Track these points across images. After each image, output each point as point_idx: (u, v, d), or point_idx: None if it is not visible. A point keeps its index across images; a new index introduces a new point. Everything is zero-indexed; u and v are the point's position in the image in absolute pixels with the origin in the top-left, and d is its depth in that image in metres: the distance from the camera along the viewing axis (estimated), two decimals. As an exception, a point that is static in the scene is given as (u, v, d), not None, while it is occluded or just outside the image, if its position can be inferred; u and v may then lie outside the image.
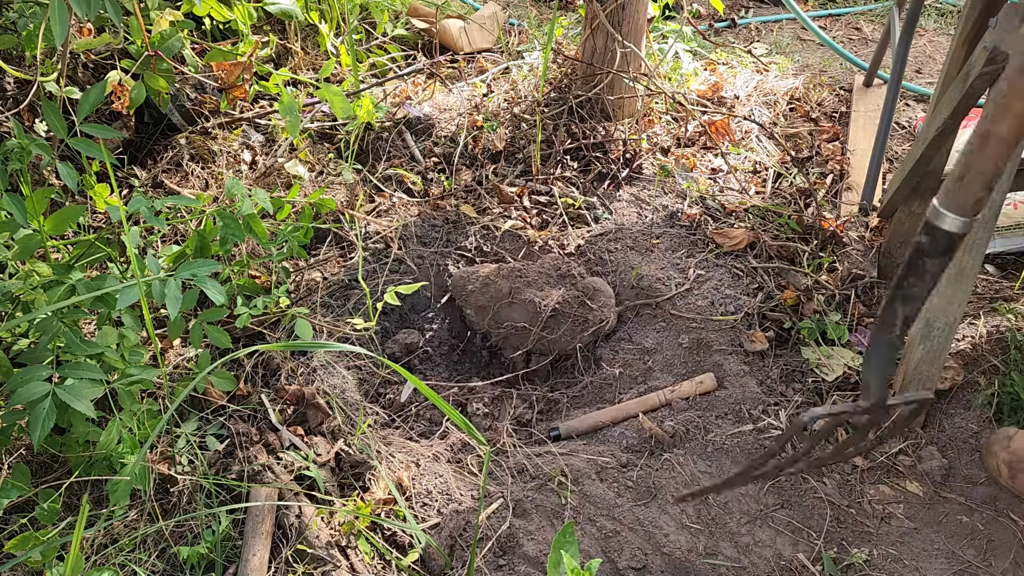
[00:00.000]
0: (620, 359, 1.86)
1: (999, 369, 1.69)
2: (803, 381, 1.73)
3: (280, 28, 2.58)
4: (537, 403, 1.82)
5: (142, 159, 2.19)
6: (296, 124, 1.72)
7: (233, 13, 1.88)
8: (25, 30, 1.59)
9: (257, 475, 1.46)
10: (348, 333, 1.78)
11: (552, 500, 1.51)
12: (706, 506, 1.51)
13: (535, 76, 2.47)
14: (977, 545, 1.45)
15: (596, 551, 1.41)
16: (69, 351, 1.29)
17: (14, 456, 1.43)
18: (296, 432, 1.58)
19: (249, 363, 1.69)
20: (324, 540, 1.37)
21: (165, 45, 1.61)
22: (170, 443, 1.50)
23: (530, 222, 2.17)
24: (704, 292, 1.93)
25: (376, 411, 1.71)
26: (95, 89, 1.37)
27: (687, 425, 1.64)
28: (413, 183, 2.26)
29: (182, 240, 1.94)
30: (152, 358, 1.64)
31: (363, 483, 1.50)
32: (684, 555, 1.43)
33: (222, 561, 1.35)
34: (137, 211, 1.40)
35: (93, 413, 1.22)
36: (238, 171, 2.15)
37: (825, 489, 1.53)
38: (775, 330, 1.84)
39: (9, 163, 1.36)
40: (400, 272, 2.00)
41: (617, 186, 2.28)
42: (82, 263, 1.54)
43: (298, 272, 1.97)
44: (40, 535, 1.21)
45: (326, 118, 2.33)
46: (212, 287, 1.35)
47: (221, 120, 2.24)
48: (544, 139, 2.31)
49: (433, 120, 2.44)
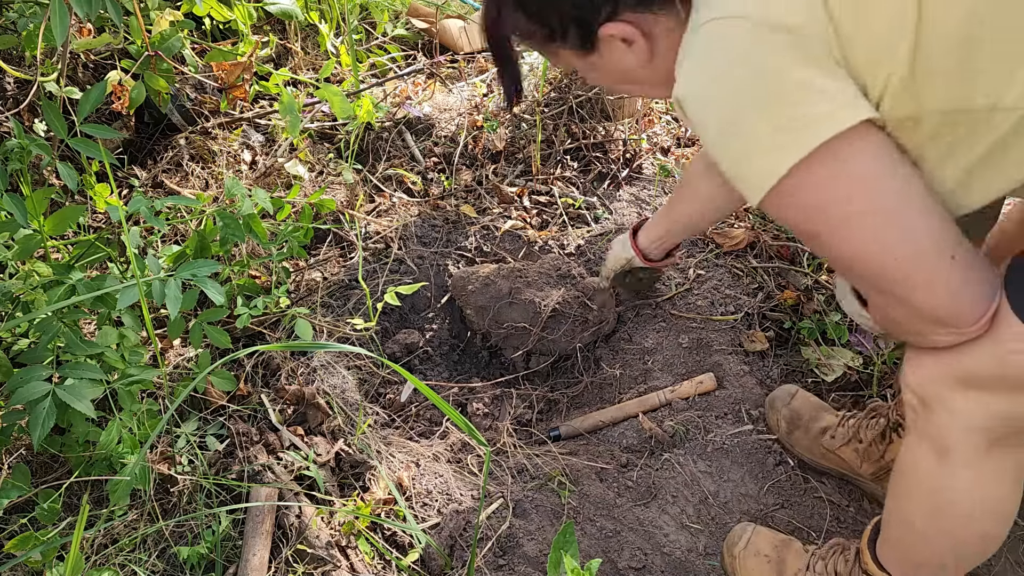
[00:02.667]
0: (620, 359, 1.86)
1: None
2: (803, 381, 1.73)
3: (280, 28, 2.58)
4: (537, 403, 1.82)
5: (142, 159, 2.19)
6: (296, 124, 1.72)
7: (233, 13, 1.88)
8: (25, 30, 1.59)
9: (257, 475, 1.46)
10: (348, 333, 1.78)
11: (552, 500, 1.51)
12: (706, 506, 1.51)
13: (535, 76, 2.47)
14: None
15: (596, 551, 1.41)
16: (69, 351, 1.29)
17: (14, 456, 1.43)
18: (296, 432, 1.58)
19: (249, 363, 1.69)
20: (324, 540, 1.37)
21: (165, 45, 1.61)
22: (170, 443, 1.50)
23: (530, 222, 2.17)
24: (704, 292, 1.93)
25: (376, 411, 1.71)
26: (95, 89, 1.37)
27: (687, 425, 1.64)
28: (413, 183, 2.26)
29: (182, 240, 1.94)
30: (152, 358, 1.64)
31: (363, 483, 1.50)
32: (684, 555, 1.43)
33: (222, 561, 1.35)
34: (137, 211, 1.40)
35: (93, 413, 1.22)
36: (238, 171, 2.15)
37: (825, 489, 1.53)
38: (775, 330, 1.84)
39: (9, 163, 1.36)
40: (400, 272, 2.00)
41: (617, 186, 2.28)
42: (82, 263, 1.54)
43: (298, 272, 1.97)
44: (40, 535, 1.21)
45: (326, 118, 2.33)
46: (212, 287, 1.35)
47: (221, 120, 2.24)
48: (544, 139, 2.31)
49: (433, 120, 2.44)
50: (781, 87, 0.82)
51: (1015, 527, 1.46)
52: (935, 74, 0.80)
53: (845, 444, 1.49)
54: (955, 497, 1.01)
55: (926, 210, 0.86)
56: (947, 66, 0.79)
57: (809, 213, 0.88)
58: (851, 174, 0.83)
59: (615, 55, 1.02)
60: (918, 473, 1.04)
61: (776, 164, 0.84)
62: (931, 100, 0.82)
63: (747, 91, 0.84)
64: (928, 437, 1.01)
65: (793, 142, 0.82)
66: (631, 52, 1.00)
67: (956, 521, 1.03)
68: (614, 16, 0.96)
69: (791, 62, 0.81)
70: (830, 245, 0.90)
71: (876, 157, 0.84)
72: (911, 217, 0.85)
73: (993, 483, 0.99)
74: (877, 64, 0.81)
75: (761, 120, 0.84)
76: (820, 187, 0.85)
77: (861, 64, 0.82)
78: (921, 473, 1.04)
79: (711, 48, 0.86)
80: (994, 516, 1.02)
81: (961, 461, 0.98)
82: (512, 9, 1.03)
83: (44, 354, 1.28)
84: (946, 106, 0.82)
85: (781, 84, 0.82)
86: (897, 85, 0.81)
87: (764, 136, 0.84)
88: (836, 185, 0.84)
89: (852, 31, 0.80)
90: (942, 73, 0.80)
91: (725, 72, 0.85)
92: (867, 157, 0.83)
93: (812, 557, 1.31)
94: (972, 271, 0.88)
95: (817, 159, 0.82)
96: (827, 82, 0.81)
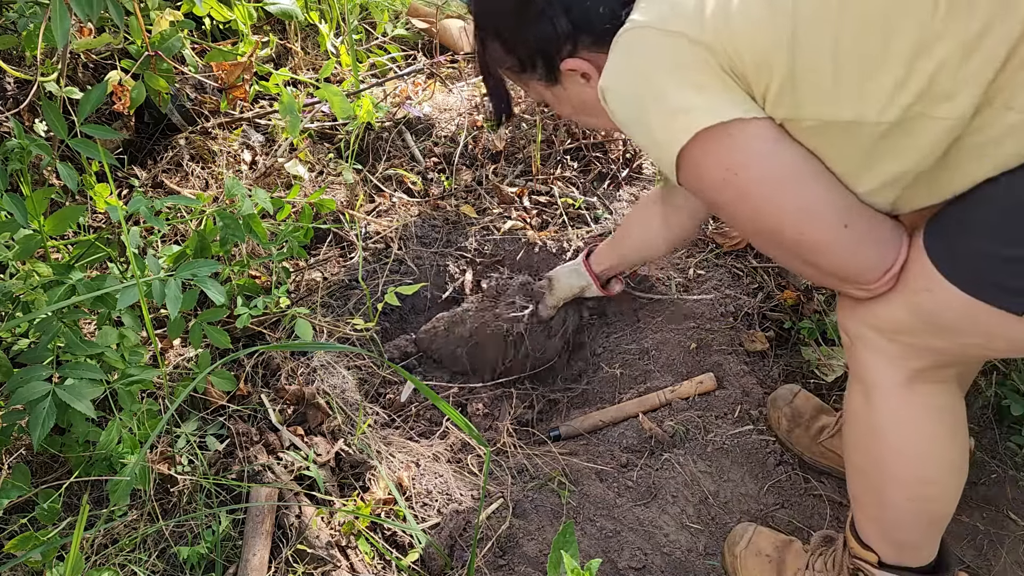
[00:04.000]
0: (620, 359, 1.86)
1: (999, 370, 1.69)
2: (803, 381, 1.73)
3: (280, 28, 2.58)
4: (537, 403, 1.82)
5: (142, 159, 2.19)
6: (296, 124, 1.72)
7: (233, 13, 1.88)
8: (25, 30, 1.59)
9: (257, 475, 1.46)
10: (348, 333, 1.78)
11: (552, 500, 1.51)
12: (706, 506, 1.51)
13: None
14: (977, 545, 1.45)
15: (596, 551, 1.41)
16: (69, 351, 1.29)
17: (14, 456, 1.43)
18: (296, 432, 1.58)
19: (249, 363, 1.69)
20: (324, 540, 1.37)
21: (165, 45, 1.61)
22: (170, 443, 1.50)
23: (530, 222, 2.17)
24: (704, 292, 1.93)
25: (376, 411, 1.71)
26: (96, 89, 1.37)
27: (687, 425, 1.64)
28: (413, 183, 2.26)
29: (182, 240, 1.94)
30: (152, 358, 1.64)
31: (363, 483, 1.50)
32: (684, 555, 1.43)
33: (222, 561, 1.35)
34: (137, 211, 1.40)
35: (93, 413, 1.22)
36: (238, 171, 2.15)
37: (825, 489, 1.53)
38: (775, 330, 1.84)
39: (9, 163, 1.36)
40: (400, 272, 2.00)
41: (617, 186, 2.28)
42: (82, 263, 1.54)
43: (298, 272, 1.97)
44: (40, 535, 1.21)
45: (326, 118, 2.33)
46: (212, 287, 1.35)
47: (221, 120, 2.24)
48: (544, 139, 2.31)
49: (433, 120, 2.44)
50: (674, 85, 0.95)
51: (1015, 527, 1.46)
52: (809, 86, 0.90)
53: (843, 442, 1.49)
54: (883, 431, 1.07)
55: (817, 180, 0.96)
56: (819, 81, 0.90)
57: (715, 184, 0.99)
58: (744, 147, 0.95)
59: (575, 88, 1.16)
60: (855, 416, 1.11)
61: (670, 147, 0.97)
62: (808, 109, 0.92)
63: (648, 87, 0.97)
64: (857, 377, 1.10)
65: (686, 124, 0.95)
66: (588, 87, 1.14)
67: (890, 457, 1.08)
68: (574, 53, 1.11)
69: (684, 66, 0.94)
70: (736, 214, 1.02)
71: (765, 136, 0.95)
72: (804, 184, 0.96)
73: (919, 418, 1.05)
74: (760, 72, 0.92)
75: (658, 111, 0.97)
76: (719, 158, 0.96)
77: (750, 72, 0.93)
78: (855, 414, 1.11)
79: (628, 49, 0.99)
80: (929, 458, 1.07)
81: (884, 394, 1.05)
82: (492, 40, 1.19)
83: (44, 354, 1.28)
84: (821, 116, 0.92)
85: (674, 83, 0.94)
86: (776, 92, 0.92)
87: (660, 127, 0.97)
88: (732, 156, 0.95)
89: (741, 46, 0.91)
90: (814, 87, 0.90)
91: (635, 67, 0.99)
92: (757, 134, 0.95)
93: (811, 556, 1.31)
94: (870, 232, 0.98)
95: (711, 135, 0.94)
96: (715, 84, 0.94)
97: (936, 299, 0.95)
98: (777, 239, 1.01)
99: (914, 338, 1.01)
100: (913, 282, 0.98)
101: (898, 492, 1.10)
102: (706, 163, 0.98)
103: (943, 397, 1.06)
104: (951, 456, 1.08)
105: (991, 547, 1.43)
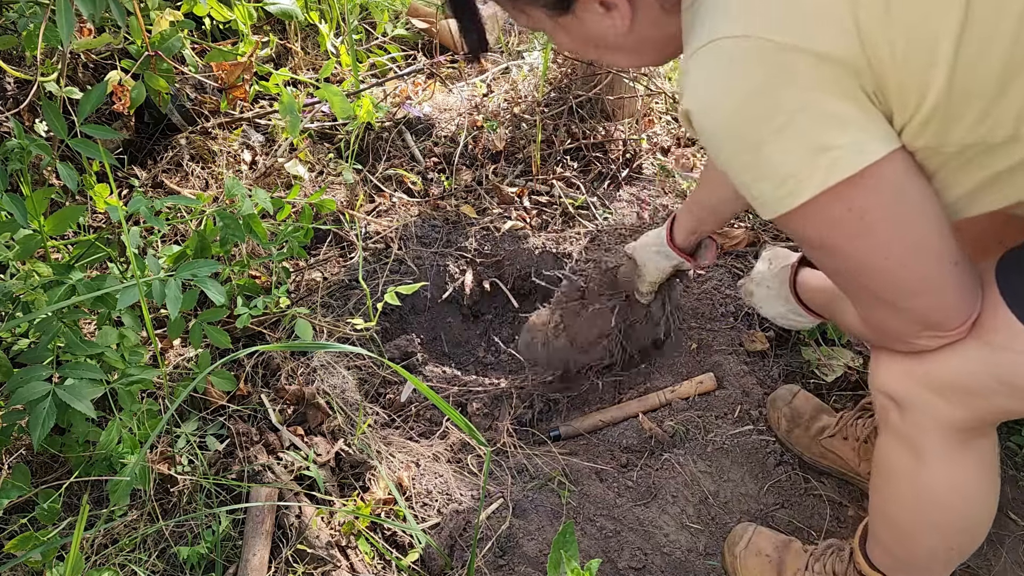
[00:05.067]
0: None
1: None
2: (803, 381, 1.73)
3: (280, 28, 2.58)
4: (537, 403, 1.82)
5: (142, 159, 2.19)
6: (296, 124, 1.72)
7: (233, 13, 1.88)
8: (25, 30, 1.59)
9: (257, 475, 1.46)
10: (348, 333, 1.78)
11: (552, 500, 1.51)
12: (706, 506, 1.51)
13: (535, 76, 2.47)
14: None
15: (596, 551, 1.41)
16: (69, 351, 1.29)
17: (14, 456, 1.43)
18: (296, 432, 1.58)
19: (249, 363, 1.69)
20: (324, 540, 1.37)
21: (165, 45, 1.61)
22: (170, 443, 1.50)
23: (530, 222, 2.17)
24: (704, 292, 1.93)
25: (376, 411, 1.71)
26: (96, 90, 1.37)
27: (687, 425, 1.64)
28: (413, 183, 2.26)
29: (182, 240, 1.94)
30: (152, 358, 1.64)
31: (363, 483, 1.50)
32: (684, 555, 1.43)
33: (222, 561, 1.35)
34: (137, 211, 1.40)
35: (93, 413, 1.22)
36: (238, 171, 2.15)
37: (825, 489, 1.53)
38: (775, 330, 1.83)
39: (9, 163, 1.36)
40: (400, 272, 2.00)
41: (617, 186, 2.28)
42: (82, 263, 1.54)
43: (298, 272, 1.97)
44: (40, 535, 1.21)
45: (326, 118, 2.33)
46: (212, 287, 1.35)
47: (221, 120, 2.24)
48: (544, 139, 2.31)
49: (433, 120, 2.44)
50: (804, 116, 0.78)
51: (1016, 527, 1.46)
52: (968, 106, 0.77)
53: (842, 442, 1.49)
54: (936, 494, 1.02)
55: (937, 219, 0.85)
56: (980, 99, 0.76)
57: (825, 231, 0.85)
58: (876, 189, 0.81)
59: (592, 19, 0.94)
60: (897, 474, 1.05)
61: (795, 191, 0.81)
62: (957, 131, 0.79)
63: (768, 118, 0.79)
64: (903, 437, 1.01)
65: (811, 174, 0.79)
66: (609, 18, 0.92)
67: (939, 515, 1.05)
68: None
69: (815, 90, 0.77)
70: (843, 256, 0.87)
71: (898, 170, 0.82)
72: (923, 225, 0.84)
73: (974, 478, 1.01)
74: (907, 94, 0.77)
75: (781, 148, 0.80)
76: (845, 200, 0.81)
77: (892, 93, 0.78)
78: (900, 474, 1.04)
79: (732, 66, 0.80)
80: (975, 502, 1.04)
81: (938, 458, 0.99)
82: None
83: (44, 354, 1.28)
84: (969, 139, 0.80)
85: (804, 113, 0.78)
86: (921, 121, 0.78)
87: (782, 164, 0.81)
88: (863, 198, 0.81)
89: (887, 60, 0.75)
90: (975, 105, 0.77)
91: (743, 94, 0.80)
92: (893, 170, 0.81)
93: (811, 557, 1.31)
94: (972, 269, 0.88)
95: (842, 186, 0.79)
96: (854, 113, 0.78)
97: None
98: (869, 277, 0.88)
99: (986, 401, 0.90)
100: (992, 336, 0.86)
101: (937, 540, 1.07)
102: (822, 213, 0.82)
103: (991, 449, 1.00)
104: (993, 504, 1.05)
105: (991, 547, 1.43)
